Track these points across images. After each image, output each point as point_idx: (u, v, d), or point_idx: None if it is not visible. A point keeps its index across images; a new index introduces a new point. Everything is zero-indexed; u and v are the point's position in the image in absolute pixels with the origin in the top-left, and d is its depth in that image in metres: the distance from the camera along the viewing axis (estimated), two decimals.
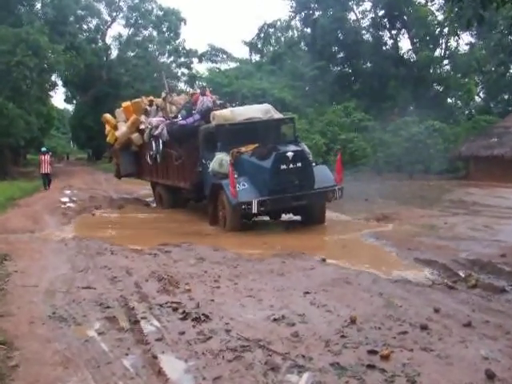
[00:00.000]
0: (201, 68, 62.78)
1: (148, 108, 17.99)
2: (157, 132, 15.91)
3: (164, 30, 54.41)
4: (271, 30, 47.80)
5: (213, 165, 12.76)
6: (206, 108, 14.78)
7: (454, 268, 7.98)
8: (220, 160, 12.61)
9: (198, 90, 16.83)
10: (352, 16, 37.58)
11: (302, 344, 5.07)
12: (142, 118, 17.76)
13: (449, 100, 37.57)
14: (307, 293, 6.80)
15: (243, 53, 75.21)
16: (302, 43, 41.29)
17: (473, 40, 35.99)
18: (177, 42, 55.04)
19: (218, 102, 16.17)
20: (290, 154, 11.88)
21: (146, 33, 54.74)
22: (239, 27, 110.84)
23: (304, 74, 35.67)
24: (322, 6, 36.51)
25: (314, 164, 12.85)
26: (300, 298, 6.66)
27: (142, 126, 17.50)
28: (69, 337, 5.54)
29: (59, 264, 9.21)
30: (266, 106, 14.55)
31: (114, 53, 55.08)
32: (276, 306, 6.31)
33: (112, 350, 5.12)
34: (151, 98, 18.61)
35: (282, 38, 47.80)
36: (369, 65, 37.36)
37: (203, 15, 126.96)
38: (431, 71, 35.18)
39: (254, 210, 11.74)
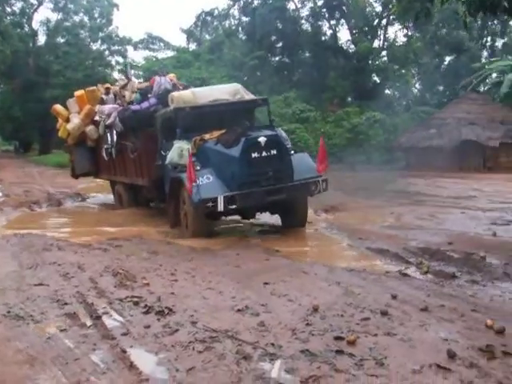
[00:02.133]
0: (137, 56, 61.38)
1: (104, 97, 15.58)
2: (109, 121, 14.08)
3: (96, 15, 51.86)
4: (209, 19, 47.33)
5: (171, 155, 10.90)
6: (164, 90, 12.96)
7: (406, 256, 8.28)
8: (179, 150, 10.79)
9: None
10: (291, 5, 37.83)
11: (269, 333, 5.13)
12: (97, 107, 15.45)
13: (387, 91, 38.38)
14: (266, 283, 6.85)
15: (181, 41, 74.34)
16: (241, 32, 41.16)
17: (409, 32, 37.00)
18: (109, 28, 52.48)
19: (181, 87, 14.08)
20: (262, 140, 10.04)
21: (76, 18, 51.91)
22: (177, 14, 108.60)
23: (243, 64, 35.55)
24: None
25: (292, 152, 11.14)
26: (260, 288, 6.71)
27: (97, 118, 15.36)
28: (29, 335, 5.38)
29: (4, 261, 8.85)
30: (235, 86, 12.56)
31: (42, 39, 52.03)
32: (237, 297, 6.34)
33: (78, 346, 5.01)
34: (108, 85, 16.59)
35: (220, 27, 47.28)
36: (308, 55, 37.65)
37: (138, 1, 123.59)
38: (370, 62, 35.85)
39: (221, 207, 9.87)
